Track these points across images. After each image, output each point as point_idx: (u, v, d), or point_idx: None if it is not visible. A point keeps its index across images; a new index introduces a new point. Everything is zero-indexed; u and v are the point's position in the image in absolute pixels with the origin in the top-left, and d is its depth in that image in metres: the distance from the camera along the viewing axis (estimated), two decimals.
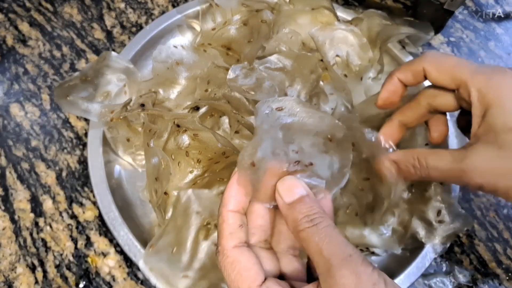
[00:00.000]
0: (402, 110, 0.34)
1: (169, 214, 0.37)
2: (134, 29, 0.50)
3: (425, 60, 0.31)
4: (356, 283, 0.20)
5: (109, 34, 0.49)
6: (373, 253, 0.38)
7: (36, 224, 0.39)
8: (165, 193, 0.37)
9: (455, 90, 0.30)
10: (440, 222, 0.36)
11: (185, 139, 0.38)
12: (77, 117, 0.44)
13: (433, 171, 0.29)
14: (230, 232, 0.24)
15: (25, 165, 0.42)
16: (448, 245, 0.37)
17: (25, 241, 0.39)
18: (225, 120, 0.40)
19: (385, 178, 0.31)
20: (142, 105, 0.39)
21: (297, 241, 0.25)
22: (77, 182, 0.41)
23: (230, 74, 0.37)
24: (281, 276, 0.25)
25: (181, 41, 0.47)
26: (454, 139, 0.41)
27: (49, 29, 0.49)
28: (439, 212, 0.36)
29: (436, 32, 0.50)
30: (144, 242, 0.35)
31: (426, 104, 0.33)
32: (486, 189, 0.28)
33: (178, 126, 0.38)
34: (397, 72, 0.33)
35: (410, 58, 0.47)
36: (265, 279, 0.23)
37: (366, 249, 0.38)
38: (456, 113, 0.34)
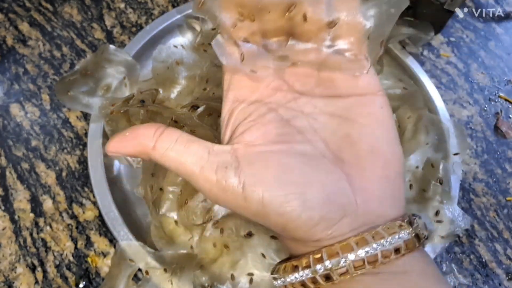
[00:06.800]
0: None
1: (163, 210, 0.38)
2: (134, 29, 0.50)
3: None
4: None
5: (109, 34, 0.50)
6: None
7: (36, 224, 0.39)
8: (161, 188, 0.37)
9: None
10: (439, 222, 0.36)
11: None
12: (77, 117, 0.44)
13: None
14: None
15: (25, 165, 0.42)
16: (447, 245, 0.37)
17: (25, 241, 0.39)
18: None
19: None
20: (142, 101, 0.39)
21: None
22: (77, 182, 0.41)
23: None
24: None
25: (181, 41, 0.47)
26: (454, 139, 0.41)
27: (49, 29, 0.49)
28: (437, 212, 0.36)
29: (436, 32, 0.50)
30: (144, 242, 0.35)
31: None
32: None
33: (175, 122, 0.38)
34: None
35: (410, 58, 0.47)
36: None
37: None
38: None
